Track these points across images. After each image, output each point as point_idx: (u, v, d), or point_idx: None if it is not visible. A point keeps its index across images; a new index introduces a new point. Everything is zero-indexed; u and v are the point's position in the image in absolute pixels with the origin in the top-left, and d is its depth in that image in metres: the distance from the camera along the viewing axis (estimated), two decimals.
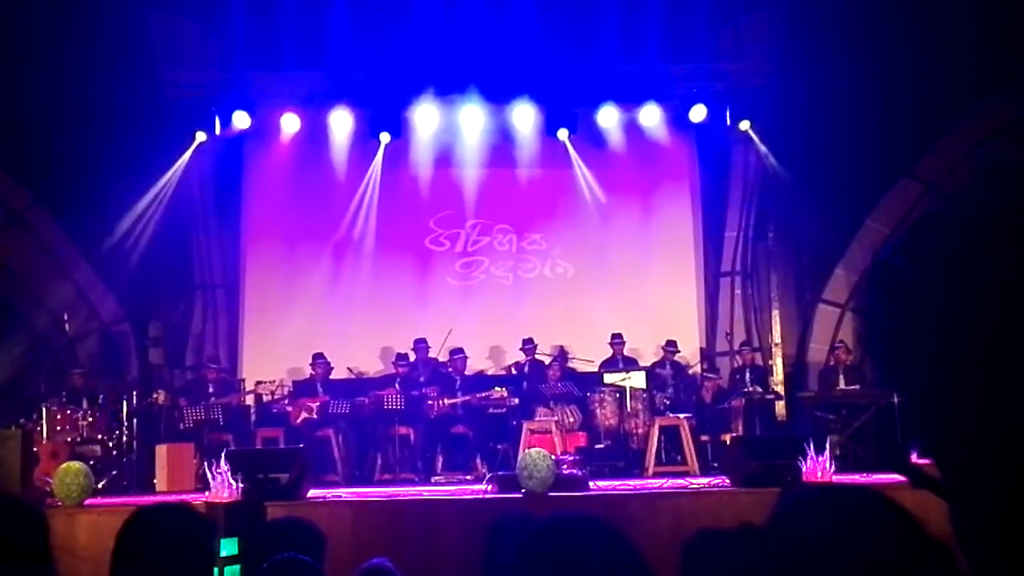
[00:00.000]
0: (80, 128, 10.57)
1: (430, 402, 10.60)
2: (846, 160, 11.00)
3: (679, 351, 11.48)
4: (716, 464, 9.90)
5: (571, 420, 10.44)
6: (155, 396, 10.54)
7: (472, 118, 12.05)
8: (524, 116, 12.04)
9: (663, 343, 11.44)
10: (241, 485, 6.90)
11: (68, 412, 9.76)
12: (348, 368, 11.53)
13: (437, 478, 10.04)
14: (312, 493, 7.81)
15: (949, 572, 1.01)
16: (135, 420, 10.34)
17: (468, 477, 9.84)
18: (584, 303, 12.23)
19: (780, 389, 11.44)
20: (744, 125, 11.85)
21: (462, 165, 12.34)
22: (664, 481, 8.73)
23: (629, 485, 8.41)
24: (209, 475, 7.06)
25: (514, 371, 11.55)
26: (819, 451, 7.31)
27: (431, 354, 11.20)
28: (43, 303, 11.60)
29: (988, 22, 9.78)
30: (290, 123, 12.12)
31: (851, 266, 11.84)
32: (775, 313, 11.96)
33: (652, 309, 12.08)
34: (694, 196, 12.72)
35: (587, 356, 11.56)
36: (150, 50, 11.51)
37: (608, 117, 12.09)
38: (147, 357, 11.80)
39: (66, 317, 10.95)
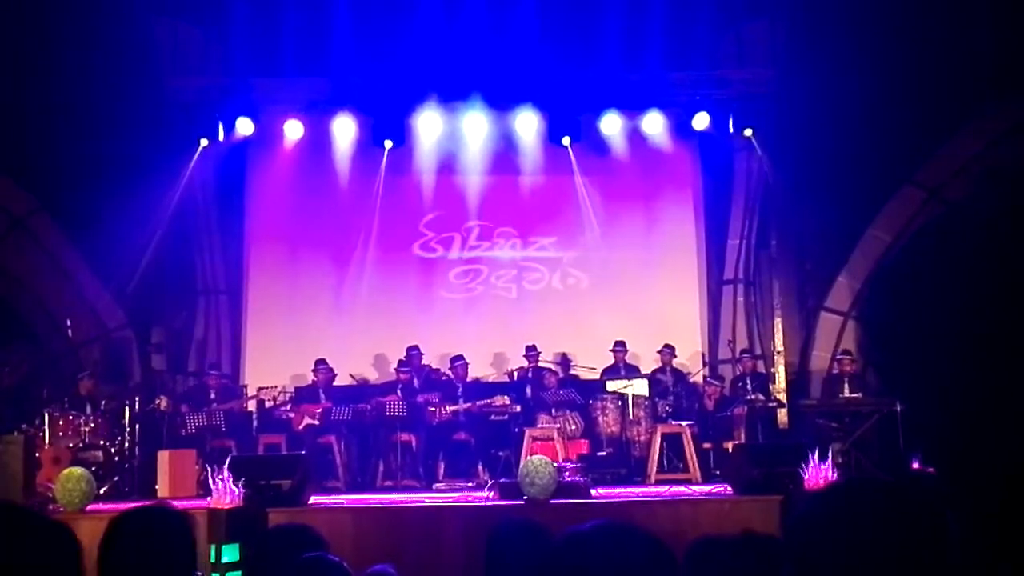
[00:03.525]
0: (83, 134, 10.58)
1: (432, 409, 10.59)
2: (848, 167, 10.99)
3: (676, 355, 11.44)
4: (718, 472, 9.89)
5: (573, 427, 10.44)
6: (157, 402, 10.54)
7: (475, 125, 12.05)
8: (527, 123, 12.05)
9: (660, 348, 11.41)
10: (243, 491, 6.91)
11: (70, 418, 9.76)
12: (350, 374, 11.54)
13: (439, 485, 10.01)
14: (314, 499, 7.81)
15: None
16: (137, 426, 10.34)
17: (470, 484, 9.83)
18: (586, 310, 12.22)
19: (782, 397, 11.42)
20: (747, 133, 11.84)
21: (465, 172, 12.34)
22: (666, 488, 8.72)
23: (631, 493, 8.40)
24: (211, 481, 7.06)
25: (516, 377, 11.54)
26: (821, 459, 7.30)
27: (424, 361, 11.22)
28: (46, 309, 11.61)
29: (990, 29, 9.78)
30: (293, 130, 12.11)
31: (853, 274, 11.82)
32: (777, 321, 11.94)
33: (654, 316, 12.06)
34: (697, 204, 12.71)
35: (589, 363, 11.56)
36: (153, 57, 11.53)
37: (611, 124, 12.09)
38: (149, 363, 11.82)
39: (68, 323, 10.95)
